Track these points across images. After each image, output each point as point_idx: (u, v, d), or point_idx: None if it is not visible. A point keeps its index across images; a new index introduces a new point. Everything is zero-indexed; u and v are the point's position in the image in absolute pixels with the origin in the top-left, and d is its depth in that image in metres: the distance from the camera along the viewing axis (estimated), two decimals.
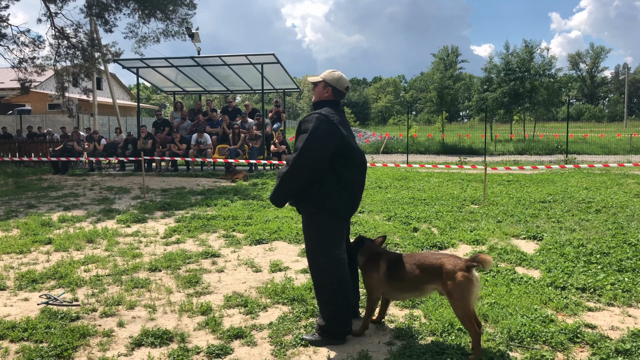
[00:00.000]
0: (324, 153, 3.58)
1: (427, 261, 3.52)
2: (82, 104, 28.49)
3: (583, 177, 12.97)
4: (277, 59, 16.20)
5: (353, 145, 3.73)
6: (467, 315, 3.32)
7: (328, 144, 3.58)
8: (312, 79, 3.92)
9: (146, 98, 72.99)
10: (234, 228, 7.59)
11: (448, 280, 3.36)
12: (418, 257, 3.61)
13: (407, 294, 3.77)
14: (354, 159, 3.72)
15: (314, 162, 3.57)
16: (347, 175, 3.68)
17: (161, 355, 3.56)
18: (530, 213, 8.29)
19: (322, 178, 3.62)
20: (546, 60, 31.03)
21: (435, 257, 3.52)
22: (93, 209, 9.56)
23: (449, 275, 3.36)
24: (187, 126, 17.67)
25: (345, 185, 3.68)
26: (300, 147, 3.57)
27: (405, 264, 3.61)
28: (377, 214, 8.53)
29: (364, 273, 3.88)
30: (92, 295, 4.78)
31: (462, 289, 3.31)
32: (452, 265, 3.39)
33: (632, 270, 5.14)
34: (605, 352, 3.41)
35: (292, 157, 3.61)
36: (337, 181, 3.65)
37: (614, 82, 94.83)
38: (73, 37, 20.75)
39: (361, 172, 3.81)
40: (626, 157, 20.33)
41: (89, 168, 17.57)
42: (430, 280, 3.48)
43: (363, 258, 3.89)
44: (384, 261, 3.75)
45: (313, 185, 3.64)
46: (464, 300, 3.32)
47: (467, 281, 3.32)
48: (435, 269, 3.45)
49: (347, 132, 3.71)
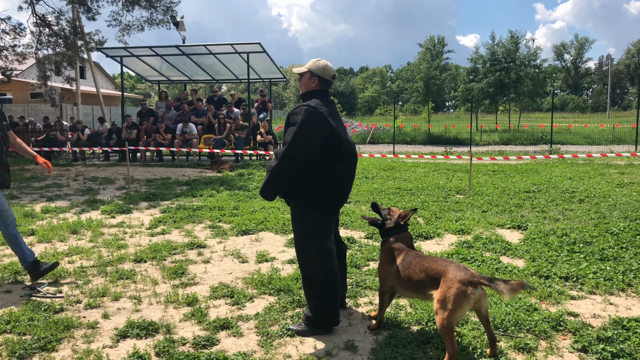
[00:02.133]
0: (313, 146, 3.55)
1: (433, 266, 3.36)
2: (65, 93, 28.08)
3: (567, 167, 13.12)
4: (263, 48, 16.09)
5: (343, 137, 3.69)
6: (444, 327, 3.12)
7: (317, 136, 3.55)
8: (297, 70, 3.87)
9: (130, 87, 72.14)
10: (220, 219, 7.56)
11: (442, 287, 3.19)
12: (427, 260, 3.47)
13: (412, 294, 3.61)
14: (344, 151, 3.69)
15: (303, 155, 3.54)
16: (337, 168, 3.65)
17: (147, 346, 3.55)
18: (515, 203, 8.37)
19: (312, 170, 3.60)
20: (531, 51, 31.23)
21: (442, 264, 3.34)
22: (77, 199, 9.46)
23: (446, 282, 3.18)
24: (172, 116, 17.51)
25: (335, 178, 3.66)
26: (290, 140, 3.53)
27: (416, 264, 3.47)
28: (364, 204, 8.54)
29: (380, 260, 3.80)
30: (77, 287, 4.74)
31: (450, 299, 3.12)
32: (454, 274, 3.19)
33: (613, 259, 5.21)
34: (587, 340, 3.46)
35: (281, 151, 3.58)
36: (327, 173, 3.62)
37: (597, 73, 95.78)
38: (55, 25, 20.38)
39: (351, 164, 3.79)
40: (609, 148, 20.59)
41: (73, 158, 17.37)
42: (432, 285, 3.31)
43: (391, 245, 3.72)
44: (401, 257, 3.60)
45: (303, 178, 3.62)
46: (446, 311, 3.11)
47: (460, 294, 3.10)
48: (438, 275, 3.29)
49: (336, 124, 3.68)
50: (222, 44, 16.52)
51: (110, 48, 18.40)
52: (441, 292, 3.19)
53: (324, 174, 3.62)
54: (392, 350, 3.36)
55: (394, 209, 3.85)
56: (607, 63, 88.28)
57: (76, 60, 21.35)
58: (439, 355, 3.31)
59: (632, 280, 4.65)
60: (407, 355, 3.28)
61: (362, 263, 5.32)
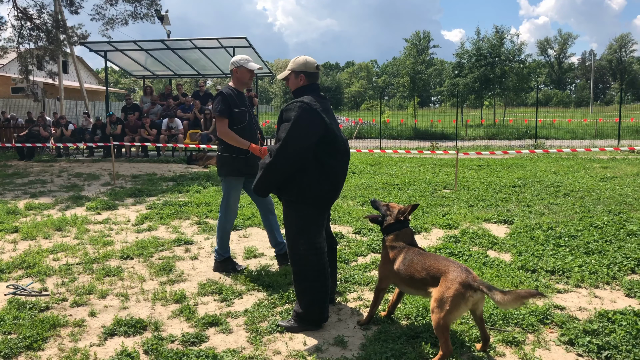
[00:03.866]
0: (307, 142, 3.54)
1: (435, 265, 3.32)
2: (48, 87, 27.64)
3: (552, 162, 13.25)
4: (249, 43, 16.01)
5: (337, 134, 3.69)
6: (439, 326, 3.10)
7: (312, 133, 3.54)
8: (281, 76, 3.89)
9: (115, 82, 71.33)
10: (207, 214, 7.51)
11: (441, 286, 3.16)
12: (429, 258, 3.42)
13: (414, 291, 3.57)
14: (337, 147, 3.69)
15: (297, 152, 3.53)
16: (330, 164, 3.65)
17: (135, 344, 3.51)
18: (501, 197, 8.43)
19: (305, 166, 3.59)
20: (516, 46, 31.48)
21: (444, 263, 3.31)
22: (61, 196, 9.34)
23: (446, 282, 3.15)
24: (157, 111, 17.36)
25: (329, 174, 3.65)
26: (284, 137, 3.51)
27: (418, 262, 3.43)
28: (351, 200, 8.55)
29: (382, 258, 3.73)
30: (62, 285, 4.68)
31: (447, 299, 3.09)
32: (454, 275, 3.15)
33: (598, 252, 5.28)
34: (573, 333, 3.50)
35: (275, 148, 3.56)
36: (320, 170, 3.62)
37: (580, 68, 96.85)
38: (37, 18, 20.04)
39: (344, 160, 3.79)
40: (592, 142, 20.84)
41: (56, 154, 17.14)
42: (434, 284, 3.27)
43: (393, 243, 3.66)
44: (403, 255, 3.55)
45: (296, 174, 3.60)
46: (442, 311, 3.09)
47: (458, 295, 3.07)
48: (439, 274, 3.25)
49: (330, 120, 3.67)
50: (208, 38, 16.41)
51: (94, 42, 18.17)
52: (440, 291, 3.16)
53: (317, 170, 3.61)
54: (381, 346, 3.37)
55: (393, 205, 3.80)
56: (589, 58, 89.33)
57: (59, 55, 21.01)
58: (428, 350, 3.33)
59: (616, 273, 4.71)
60: (397, 350, 3.29)
61: (350, 258, 5.32)
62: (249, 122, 4.92)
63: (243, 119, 4.84)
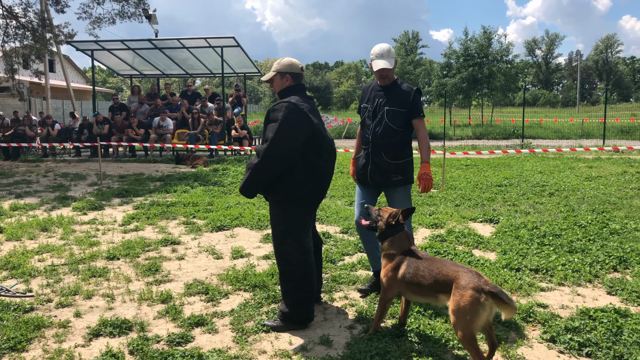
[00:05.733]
0: (295, 143, 3.55)
1: (443, 270, 3.21)
2: (34, 87, 27.37)
3: (538, 161, 13.38)
4: (238, 42, 15.96)
5: (324, 134, 3.72)
6: (466, 338, 2.99)
7: (299, 133, 3.56)
8: (265, 78, 3.91)
9: (102, 81, 70.72)
10: (194, 215, 7.50)
11: (455, 295, 3.05)
12: (437, 264, 3.30)
13: (422, 299, 3.46)
14: (324, 147, 3.72)
15: (285, 153, 3.54)
16: (317, 164, 3.68)
17: (120, 344, 3.51)
18: (487, 197, 8.51)
19: (292, 166, 3.61)
20: (503, 47, 31.71)
21: (453, 269, 3.19)
22: (47, 196, 9.27)
23: (459, 290, 3.03)
24: (144, 110, 17.26)
25: (316, 174, 3.68)
26: (271, 137, 3.52)
27: (424, 269, 3.31)
28: (339, 199, 8.58)
29: (383, 268, 3.56)
30: (47, 286, 4.65)
31: (465, 309, 2.97)
32: (466, 281, 3.04)
33: (581, 251, 5.35)
34: (555, 330, 3.55)
35: (262, 148, 3.56)
36: (308, 170, 3.64)
37: (567, 69, 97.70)
38: (22, 17, 19.80)
39: (331, 160, 3.83)
40: (578, 142, 21.05)
41: (43, 154, 16.99)
42: (443, 290, 3.17)
43: (390, 250, 3.55)
44: (406, 262, 3.43)
45: (283, 174, 3.62)
46: (464, 321, 2.98)
47: (474, 302, 2.96)
48: (449, 280, 3.14)
49: (317, 121, 3.69)
50: (196, 37, 16.32)
51: (81, 41, 18.01)
52: (455, 301, 3.03)
53: (304, 170, 3.63)
54: (366, 344, 3.39)
55: (384, 209, 3.69)
56: (576, 59, 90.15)
57: (45, 53, 20.80)
58: (412, 348, 3.36)
59: (598, 271, 4.78)
60: (382, 349, 3.32)
61: (337, 258, 5.35)
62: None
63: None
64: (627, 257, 5.06)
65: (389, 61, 4.14)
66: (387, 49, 4.17)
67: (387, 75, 4.21)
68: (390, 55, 4.18)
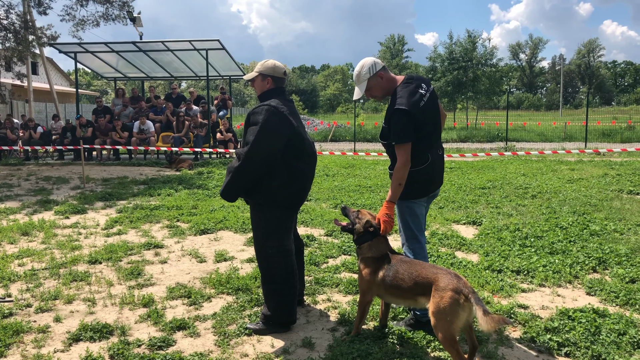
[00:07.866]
0: (276, 146, 3.56)
1: (423, 273, 3.21)
2: (16, 89, 27.02)
3: (521, 164, 13.51)
4: (223, 45, 15.92)
5: (304, 136, 3.73)
6: (447, 339, 3.00)
7: (280, 136, 3.57)
8: (247, 77, 3.91)
9: (86, 84, 70.10)
10: (178, 218, 7.46)
11: (434, 297, 3.05)
12: (416, 267, 3.29)
13: (402, 302, 3.47)
14: (305, 150, 3.72)
15: (265, 156, 3.55)
16: (298, 167, 3.68)
17: (100, 349, 3.48)
18: (471, 199, 8.57)
19: (273, 169, 3.61)
20: (488, 50, 32.04)
21: (432, 271, 3.19)
22: (29, 200, 9.15)
23: (438, 292, 3.04)
24: (129, 113, 17.14)
25: (297, 176, 3.68)
26: (252, 140, 3.52)
27: (404, 272, 3.29)
28: (324, 202, 8.59)
29: (360, 271, 3.54)
30: (27, 290, 4.59)
31: (445, 310, 2.97)
32: (445, 282, 3.04)
33: (562, 252, 5.42)
34: (535, 331, 3.59)
35: (243, 151, 3.56)
36: (288, 172, 3.64)
37: (551, 72, 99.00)
38: (4, 19, 19.55)
39: (312, 162, 3.83)
40: (561, 145, 21.30)
41: (24, 157, 16.75)
42: (423, 292, 3.17)
43: (367, 254, 3.52)
44: (385, 265, 3.42)
45: (264, 177, 3.62)
46: (444, 323, 2.98)
47: (454, 303, 2.96)
48: (428, 283, 3.14)
49: (297, 123, 3.71)
50: (180, 40, 16.25)
51: (64, 44, 17.85)
52: (435, 303, 3.03)
53: (285, 173, 3.63)
54: (348, 346, 3.40)
55: (363, 212, 3.64)
56: (559, 63, 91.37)
57: (27, 56, 20.55)
58: (394, 350, 3.38)
59: (578, 272, 4.84)
60: (363, 351, 3.33)
61: (321, 260, 5.35)
62: None
63: None
64: (606, 258, 5.13)
65: (360, 88, 3.79)
66: (357, 74, 3.76)
67: (372, 95, 3.86)
68: (360, 80, 3.75)
